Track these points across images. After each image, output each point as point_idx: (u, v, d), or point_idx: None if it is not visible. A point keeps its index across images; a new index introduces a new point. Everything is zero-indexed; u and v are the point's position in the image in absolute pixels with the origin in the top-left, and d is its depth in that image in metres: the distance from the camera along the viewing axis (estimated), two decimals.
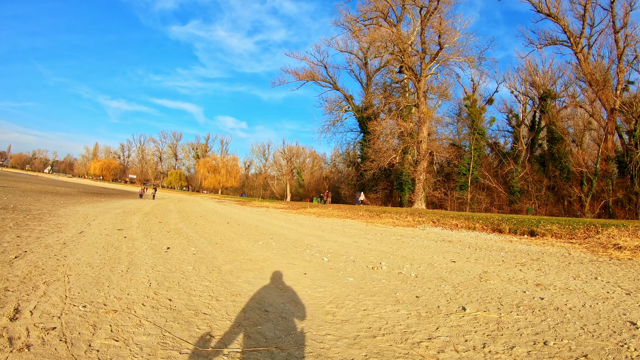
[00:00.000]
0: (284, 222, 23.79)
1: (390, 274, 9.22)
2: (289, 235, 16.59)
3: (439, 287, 7.88)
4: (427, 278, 8.76)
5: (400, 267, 10.09)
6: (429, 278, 8.75)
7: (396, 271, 9.50)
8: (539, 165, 50.01)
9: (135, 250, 10.47)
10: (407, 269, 9.76)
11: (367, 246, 14.06)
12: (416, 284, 8.09)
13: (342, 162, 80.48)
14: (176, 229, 16.41)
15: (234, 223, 21.69)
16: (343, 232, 18.95)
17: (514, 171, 50.14)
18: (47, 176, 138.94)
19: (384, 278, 8.68)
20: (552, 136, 49.64)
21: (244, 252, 11.37)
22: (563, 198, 47.43)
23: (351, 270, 9.44)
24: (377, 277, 8.74)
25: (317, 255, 11.59)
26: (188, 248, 11.51)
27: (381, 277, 8.75)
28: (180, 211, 29.22)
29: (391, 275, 8.99)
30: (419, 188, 45.48)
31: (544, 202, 47.86)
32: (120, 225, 16.27)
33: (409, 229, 21.76)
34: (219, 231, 16.91)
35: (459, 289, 7.65)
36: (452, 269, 9.81)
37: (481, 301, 6.72)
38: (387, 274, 9.21)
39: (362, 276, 8.82)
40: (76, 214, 19.75)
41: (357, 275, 8.89)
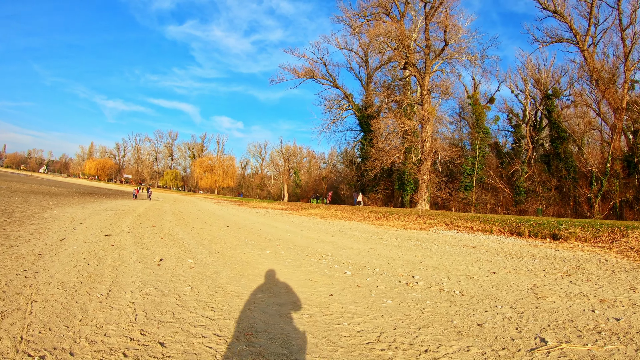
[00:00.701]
0: (288, 225, 22.14)
1: (431, 291, 7.66)
2: (297, 242, 14.93)
3: (495, 308, 6.47)
4: (475, 296, 7.30)
5: (437, 281, 8.57)
6: (478, 296, 7.31)
7: (436, 287, 7.97)
8: (544, 165, 48.68)
9: (122, 264, 8.82)
10: (447, 284, 8.25)
11: (387, 254, 12.46)
12: (469, 306, 6.61)
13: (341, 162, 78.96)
14: (171, 235, 14.72)
15: (234, 227, 20.01)
16: (355, 237, 17.30)
17: (519, 171, 48.80)
18: (42, 176, 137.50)
19: (427, 298, 7.12)
20: (557, 135, 48.43)
21: (250, 265, 9.71)
22: (569, 198, 46.24)
23: (384, 288, 7.83)
24: (419, 297, 7.16)
25: (336, 267, 9.95)
26: (184, 259, 9.84)
27: (423, 297, 7.17)
28: (175, 213, 27.52)
29: (433, 294, 7.44)
30: (423, 188, 43.93)
31: (551, 203, 46.57)
32: (109, 230, 14.61)
33: (423, 233, 20.31)
34: (219, 237, 15.24)
35: (519, 311, 6.31)
36: (496, 283, 8.42)
37: (555, 327, 5.51)
38: (428, 291, 7.65)
39: (401, 296, 7.22)
40: (63, 216, 18.15)
41: (394, 295, 7.30)
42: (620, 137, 43.14)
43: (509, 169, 51.15)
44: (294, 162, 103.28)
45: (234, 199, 75.92)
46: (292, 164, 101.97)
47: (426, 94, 45.50)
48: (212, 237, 14.76)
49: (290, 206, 45.25)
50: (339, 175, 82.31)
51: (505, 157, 53.91)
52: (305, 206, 43.27)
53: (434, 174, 47.34)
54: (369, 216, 28.71)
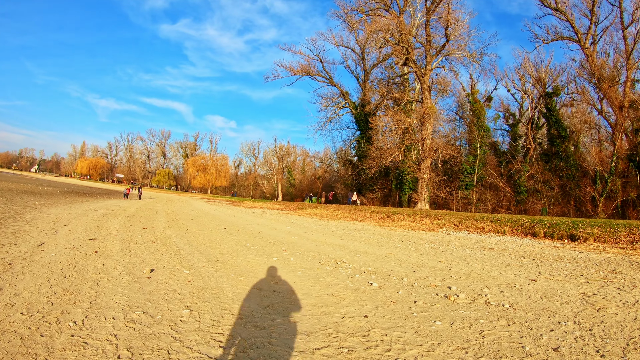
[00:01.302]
0: (290, 227, 20.75)
1: (478, 306, 6.52)
2: (304, 245, 13.51)
3: (559, 325, 5.57)
4: (528, 310, 6.33)
5: (478, 292, 7.45)
6: (531, 310, 6.33)
7: (481, 301, 6.83)
8: (544, 164, 47.70)
9: (105, 276, 7.41)
10: (491, 296, 7.16)
11: (408, 259, 11.17)
12: (529, 324, 5.67)
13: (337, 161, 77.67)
14: (163, 238, 13.23)
15: (232, 228, 18.56)
16: (365, 240, 15.94)
17: (520, 170, 47.73)
18: (33, 175, 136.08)
19: (479, 315, 5.97)
20: (558, 134, 47.48)
21: (258, 276, 8.29)
22: (570, 197, 45.28)
23: (424, 305, 6.55)
24: (469, 315, 5.97)
25: (357, 277, 8.59)
26: (179, 270, 8.41)
27: (474, 315, 6.01)
28: (168, 213, 26.05)
29: (482, 309, 6.31)
30: (423, 187, 42.68)
31: (553, 202, 45.56)
32: (95, 233, 13.16)
33: (433, 234, 19.16)
34: (217, 240, 13.78)
35: (586, 327, 5.53)
36: (543, 292, 7.47)
37: (636, 346, 4.77)
38: (474, 306, 6.49)
39: (448, 315, 5.98)
40: (47, 217, 16.76)
41: (439, 313, 6.08)
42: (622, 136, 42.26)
43: (509, 167, 50.13)
44: (287, 162, 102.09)
45: (227, 199, 74.48)
46: (286, 163, 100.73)
47: (427, 91, 44.28)
48: (209, 241, 13.31)
49: (287, 206, 43.90)
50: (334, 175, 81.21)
51: (506, 155, 52.92)
52: (302, 206, 41.96)
53: (433, 172, 46.01)
54: (372, 216, 27.45)
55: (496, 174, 49.85)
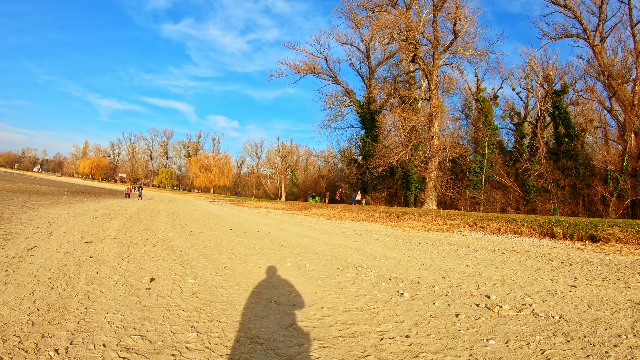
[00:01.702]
0: (298, 228, 19.80)
1: (525, 318, 5.74)
2: (317, 248, 12.55)
3: (620, 339, 4.84)
4: (581, 322, 5.60)
5: (520, 302, 6.67)
6: (584, 322, 5.61)
7: (526, 311, 6.05)
8: (554, 163, 46.76)
9: (98, 287, 6.44)
10: (535, 306, 6.40)
11: (432, 264, 10.25)
12: (590, 339, 4.90)
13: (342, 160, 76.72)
14: (165, 241, 12.24)
15: (238, 230, 17.58)
16: (380, 242, 14.96)
17: (530, 169, 46.78)
18: (36, 175, 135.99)
19: (531, 330, 5.19)
20: (567, 132, 46.59)
21: (272, 285, 7.30)
22: (579, 197, 44.36)
23: (467, 318, 5.66)
24: (521, 331, 5.14)
25: (384, 285, 7.64)
26: (183, 279, 7.43)
27: (525, 329, 5.22)
28: (170, 213, 25.09)
29: (532, 322, 5.54)
30: (430, 187, 41.77)
31: (564, 201, 44.65)
32: (92, 236, 12.20)
33: (448, 235, 18.33)
34: (224, 243, 12.79)
35: None
36: (588, 300, 6.81)
37: None
38: (521, 319, 5.71)
39: (498, 331, 5.11)
40: (43, 217, 15.88)
41: (487, 329, 5.20)
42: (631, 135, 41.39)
43: (517, 167, 49.25)
44: (291, 161, 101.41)
45: (230, 198, 73.61)
46: (289, 163, 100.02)
47: (434, 88, 43.35)
48: (215, 244, 12.33)
49: (291, 205, 42.97)
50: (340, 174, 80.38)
51: (512, 154, 52.07)
52: (308, 205, 41.02)
53: (441, 172, 45.07)
54: (381, 217, 26.52)
55: (504, 173, 48.94)
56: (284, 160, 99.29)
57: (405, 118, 42.87)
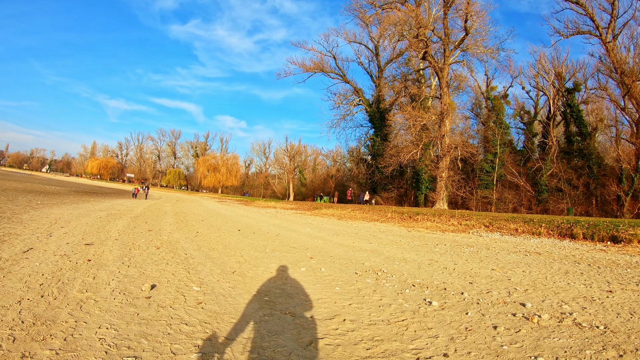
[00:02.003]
0: (309, 229, 19.09)
1: (568, 329, 5.21)
2: (331, 251, 11.83)
3: None
4: (630, 333, 5.05)
5: (559, 310, 6.13)
6: (634, 333, 5.05)
7: (568, 321, 5.53)
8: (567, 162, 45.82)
9: (93, 296, 5.79)
10: (576, 315, 5.85)
11: (455, 267, 9.57)
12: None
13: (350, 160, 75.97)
14: (170, 243, 11.58)
15: (247, 231, 16.88)
16: (397, 243, 14.23)
17: (542, 168, 45.86)
18: (44, 175, 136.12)
19: (580, 344, 4.65)
20: (579, 131, 45.69)
21: (286, 294, 6.58)
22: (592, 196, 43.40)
23: (506, 331, 5.07)
24: (568, 344, 4.65)
25: (408, 293, 6.95)
26: (188, 286, 6.74)
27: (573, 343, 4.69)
28: (177, 214, 24.45)
29: (575, 334, 5.02)
30: (441, 186, 40.96)
31: (577, 201, 43.71)
32: (93, 237, 11.56)
33: (465, 236, 17.60)
34: (232, 245, 12.11)
35: None
36: (629, 308, 6.24)
37: None
38: (564, 330, 5.19)
39: (542, 345, 4.59)
40: (45, 218, 15.29)
41: (530, 342, 4.67)
42: None
43: (528, 166, 48.36)
44: (299, 161, 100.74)
45: (239, 198, 73.00)
46: (297, 163, 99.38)
47: (445, 86, 42.58)
48: (222, 246, 11.64)
49: (300, 206, 42.28)
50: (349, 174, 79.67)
51: (523, 153, 51.20)
52: (317, 205, 40.33)
53: (452, 171, 44.24)
54: (393, 217, 25.79)
55: (516, 172, 48.05)
56: (292, 160, 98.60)
57: (416, 116, 42.06)
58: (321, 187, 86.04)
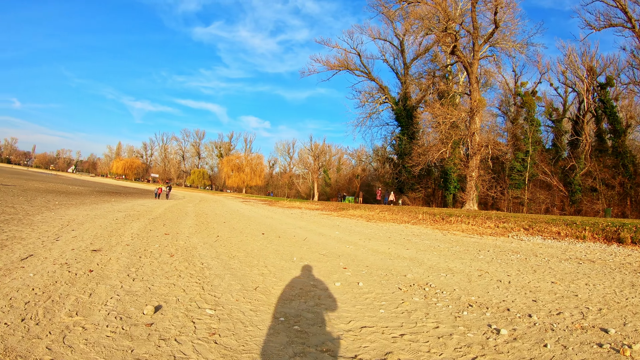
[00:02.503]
0: (338, 232, 17.81)
1: None
2: (366, 259, 10.56)
3: None
4: None
5: None
6: None
7: None
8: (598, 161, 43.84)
9: (83, 321, 4.69)
10: None
11: (509, 280, 8.31)
12: None
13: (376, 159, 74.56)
14: (186, 249, 10.45)
15: (272, 234, 15.67)
16: (436, 250, 12.87)
17: (576, 167, 43.92)
18: (70, 175, 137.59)
19: None
20: (613, 128, 43.69)
21: (321, 320, 5.43)
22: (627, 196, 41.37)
23: None
24: None
25: (467, 316, 5.69)
26: (200, 308, 5.53)
27: None
28: (198, 215, 23.42)
29: None
30: (471, 186, 39.43)
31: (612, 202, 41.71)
32: (103, 241, 10.50)
33: (505, 240, 16.16)
34: (255, 252, 10.92)
35: None
36: None
37: None
38: None
39: None
40: (59, 219, 14.38)
41: None
42: None
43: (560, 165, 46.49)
44: (323, 160, 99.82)
45: (263, 198, 72.11)
46: (321, 162, 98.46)
47: (475, 82, 41.02)
48: (244, 253, 10.44)
49: (326, 206, 41.05)
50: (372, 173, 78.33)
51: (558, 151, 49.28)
52: (343, 206, 39.08)
53: (482, 170, 42.61)
54: (424, 218, 24.41)
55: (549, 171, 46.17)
56: (316, 160, 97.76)
57: (445, 113, 40.52)
58: (346, 186, 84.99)
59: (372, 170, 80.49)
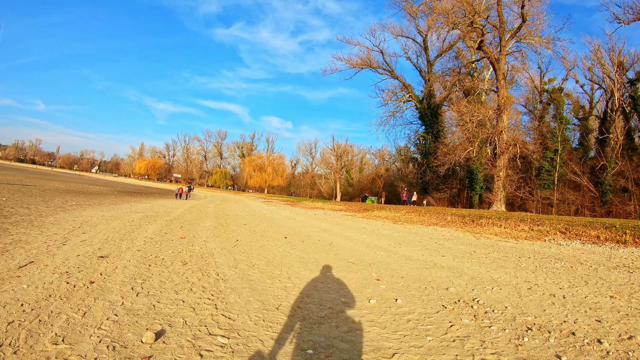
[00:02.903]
0: (366, 235, 16.70)
1: None
2: (400, 269, 9.51)
3: None
4: None
5: None
6: None
7: None
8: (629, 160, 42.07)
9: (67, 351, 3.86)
10: None
11: (563, 294, 7.23)
12: None
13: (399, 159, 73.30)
14: (201, 256, 9.55)
15: (295, 238, 14.72)
16: (474, 257, 11.74)
17: (607, 167, 42.21)
18: (93, 176, 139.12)
19: None
20: None
21: (356, 351, 4.42)
22: None
23: None
24: None
25: (528, 342, 4.69)
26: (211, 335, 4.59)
27: None
28: (218, 216, 22.61)
29: None
30: (499, 187, 37.96)
31: None
32: (113, 246, 9.69)
33: (542, 245, 14.92)
34: (277, 259, 9.97)
35: None
36: None
37: None
38: None
39: None
40: (72, 221, 13.76)
41: None
42: None
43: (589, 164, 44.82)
44: (345, 160, 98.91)
45: (285, 199, 71.34)
46: (344, 162, 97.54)
47: (502, 78, 39.47)
48: (265, 262, 9.48)
49: (349, 207, 39.99)
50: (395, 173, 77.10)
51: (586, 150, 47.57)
52: (367, 207, 37.98)
53: (510, 170, 41.08)
54: (453, 220, 23.26)
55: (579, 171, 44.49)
56: (339, 160, 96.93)
57: (472, 111, 39.14)
58: (369, 187, 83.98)
59: (395, 170, 79.22)
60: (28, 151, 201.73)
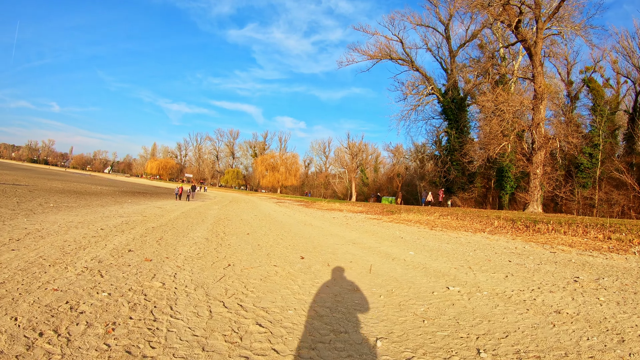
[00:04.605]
0: (413, 252, 12.18)
1: None
2: (504, 323, 5.26)
3: None
4: None
5: None
6: None
7: None
8: None
9: None
10: None
11: None
12: None
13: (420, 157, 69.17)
14: (154, 308, 5.54)
15: (315, 258, 10.38)
16: (588, 291, 7.12)
17: None
18: (104, 176, 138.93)
19: None
20: None
21: None
22: None
23: None
24: None
25: None
26: None
27: None
28: (218, 222, 18.54)
29: None
30: (535, 185, 33.73)
31: None
32: (29, 276, 5.74)
33: (620, 257, 11.22)
34: (287, 319, 5.99)
35: None
36: None
37: None
38: None
39: None
40: (18, 230, 10.50)
41: None
42: None
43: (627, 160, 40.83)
44: (360, 159, 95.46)
45: (298, 199, 67.61)
46: (359, 161, 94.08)
47: (539, 65, 35.21)
48: (268, 322, 5.39)
49: (370, 208, 36.01)
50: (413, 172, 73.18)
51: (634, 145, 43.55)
52: (391, 208, 34.05)
53: (549, 167, 36.81)
54: (502, 225, 19.50)
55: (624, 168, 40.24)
56: (354, 158, 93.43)
57: (509, 100, 34.94)
58: (386, 186, 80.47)
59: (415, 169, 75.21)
60: (41, 152, 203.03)
